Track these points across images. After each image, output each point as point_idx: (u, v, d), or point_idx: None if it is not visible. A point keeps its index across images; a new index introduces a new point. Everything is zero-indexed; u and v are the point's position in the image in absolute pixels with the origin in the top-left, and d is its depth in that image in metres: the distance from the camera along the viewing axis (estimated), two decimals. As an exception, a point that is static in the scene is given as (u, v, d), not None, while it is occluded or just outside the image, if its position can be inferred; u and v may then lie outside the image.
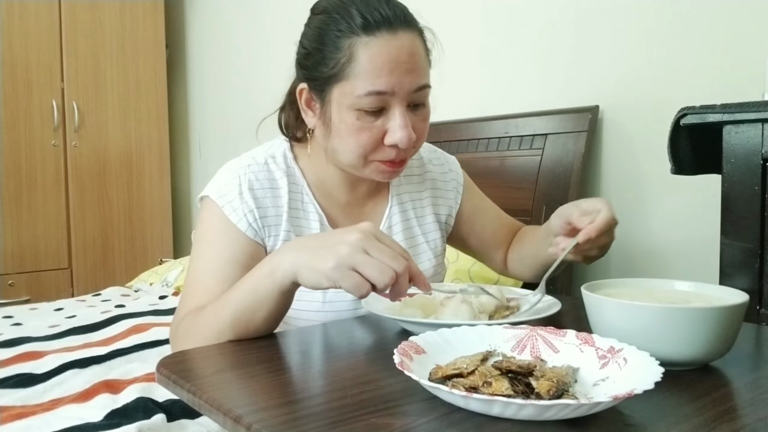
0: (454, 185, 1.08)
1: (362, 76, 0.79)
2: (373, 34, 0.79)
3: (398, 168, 0.87)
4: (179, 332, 0.80)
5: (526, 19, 1.65)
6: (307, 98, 0.88)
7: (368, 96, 0.79)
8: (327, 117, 0.84)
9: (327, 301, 0.89)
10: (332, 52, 0.81)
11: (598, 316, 0.62)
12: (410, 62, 0.80)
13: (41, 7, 2.77)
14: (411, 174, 1.04)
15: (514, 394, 0.48)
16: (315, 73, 0.84)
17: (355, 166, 0.87)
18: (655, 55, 1.39)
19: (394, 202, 1.00)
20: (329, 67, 0.81)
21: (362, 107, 0.80)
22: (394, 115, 0.81)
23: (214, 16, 3.04)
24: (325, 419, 0.47)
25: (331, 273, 0.63)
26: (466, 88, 1.78)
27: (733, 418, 0.48)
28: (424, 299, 0.79)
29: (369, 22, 0.79)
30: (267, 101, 1.03)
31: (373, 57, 0.79)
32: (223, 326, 0.73)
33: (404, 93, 0.81)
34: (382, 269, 0.62)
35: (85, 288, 2.82)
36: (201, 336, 0.75)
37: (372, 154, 0.84)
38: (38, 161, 2.78)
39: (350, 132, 0.82)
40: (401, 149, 0.83)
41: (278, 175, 0.91)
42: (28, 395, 1.07)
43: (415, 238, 1.01)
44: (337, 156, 0.87)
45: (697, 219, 1.33)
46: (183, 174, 3.37)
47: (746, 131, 0.87)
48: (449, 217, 1.07)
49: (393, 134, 0.82)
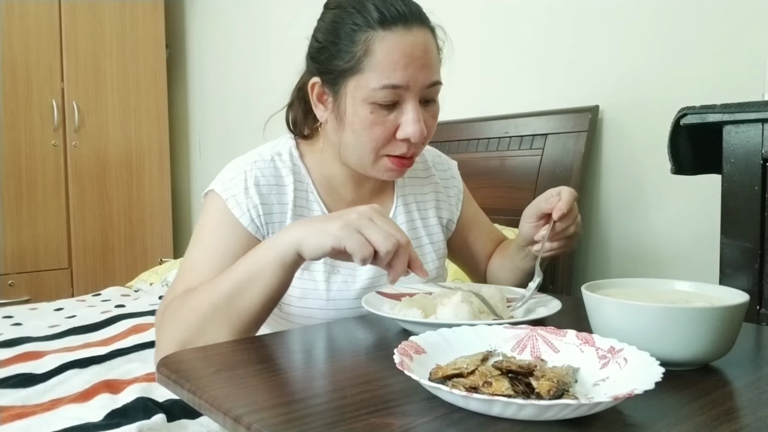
0: (455, 192, 1.09)
1: (378, 69, 0.80)
2: (390, 29, 0.80)
3: (405, 166, 0.88)
4: (167, 314, 0.79)
5: (526, 19, 1.65)
6: (319, 92, 0.88)
7: (383, 89, 0.81)
8: (341, 111, 0.85)
9: (330, 299, 0.89)
10: (348, 45, 0.82)
11: (598, 316, 0.62)
12: (424, 58, 0.82)
13: (41, 7, 2.77)
14: (415, 176, 1.05)
15: (514, 394, 0.48)
16: (329, 67, 0.84)
17: (364, 162, 0.88)
18: (655, 55, 1.39)
19: (399, 202, 1.01)
20: (345, 61, 0.82)
21: (377, 100, 0.81)
22: (407, 110, 0.83)
23: (214, 16, 3.04)
24: (325, 419, 0.47)
25: (337, 232, 0.65)
26: (466, 88, 1.78)
27: (733, 418, 0.48)
28: (424, 299, 0.79)
29: (386, 16, 0.80)
30: (267, 101, 1.03)
31: (389, 51, 0.80)
32: (218, 300, 0.72)
33: (418, 88, 0.82)
34: (386, 235, 0.65)
35: (85, 288, 2.83)
36: (193, 313, 0.74)
37: (384, 149, 0.85)
38: (38, 161, 2.78)
39: (364, 126, 0.83)
40: (412, 144, 0.85)
41: (284, 172, 0.92)
42: (28, 395, 1.07)
43: (420, 239, 1.01)
44: (348, 151, 0.88)
45: (697, 219, 1.33)
46: (183, 174, 3.37)
47: (746, 131, 0.87)
48: (450, 221, 1.08)
49: (406, 128, 0.83)
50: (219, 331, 0.73)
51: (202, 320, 0.73)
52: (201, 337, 0.73)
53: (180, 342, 0.74)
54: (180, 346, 0.74)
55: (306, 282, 0.88)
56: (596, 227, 1.52)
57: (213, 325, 0.73)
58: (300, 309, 0.88)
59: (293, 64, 0.99)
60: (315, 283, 0.89)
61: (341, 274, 0.91)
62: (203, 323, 0.73)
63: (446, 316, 0.74)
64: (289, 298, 0.88)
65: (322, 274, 0.89)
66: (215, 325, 0.73)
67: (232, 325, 0.73)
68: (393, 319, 0.73)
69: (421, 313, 0.74)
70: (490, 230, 1.14)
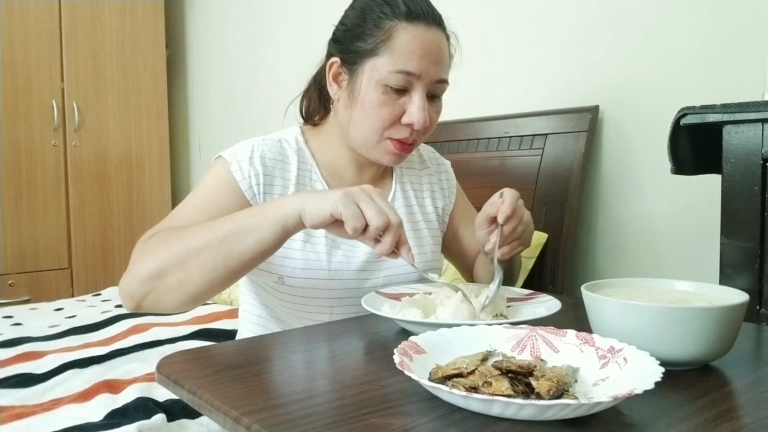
0: (448, 185, 1.13)
1: (396, 54, 0.87)
2: (413, 23, 0.88)
3: (405, 152, 0.94)
4: (152, 241, 0.79)
5: (526, 19, 1.65)
6: (336, 72, 0.94)
7: (398, 74, 0.87)
8: (355, 89, 0.91)
9: (332, 270, 0.92)
10: (372, 30, 0.89)
11: (598, 316, 0.62)
12: (438, 55, 0.90)
13: (41, 7, 2.77)
14: (411, 167, 1.10)
15: (514, 394, 0.48)
16: (351, 47, 0.91)
17: (368, 141, 0.93)
18: (655, 55, 1.39)
19: (397, 188, 1.06)
20: (367, 43, 0.89)
21: (389, 83, 0.88)
22: (415, 98, 0.89)
23: (214, 16, 3.04)
24: (325, 419, 0.47)
25: (336, 200, 0.69)
26: (466, 88, 1.77)
27: (733, 418, 0.48)
28: (424, 299, 0.79)
29: (411, 11, 0.88)
30: (267, 101, 1.05)
31: (409, 41, 0.87)
32: (212, 238, 0.74)
33: (428, 80, 0.89)
34: (378, 212, 0.70)
35: (85, 288, 2.83)
36: (182, 244, 0.75)
37: (388, 131, 0.91)
38: (38, 161, 2.78)
39: (373, 105, 0.89)
40: (415, 130, 0.91)
41: (289, 152, 0.97)
42: (28, 395, 1.07)
43: (417, 223, 1.05)
44: (355, 128, 0.93)
45: (697, 219, 1.33)
46: (183, 174, 3.37)
47: (746, 131, 0.87)
48: (445, 212, 1.11)
49: (411, 114, 0.89)
50: (199, 269, 0.74)
51: (189, 252, 0.74)
52: (180, 269, 0.74)
53: (158, 267, 0.75)
54: (156, 272, 0.75)
55: (309, 254, 0.91)
56: (596, 227, 1.52)
57: (197, 261, 0.74)
58: (303, 281, 0.91)
59: (293, 63, 0.99)
60: (317, 255, 0.92)
61: (342, 249, 0.94)
62: (188, 256, 0.74)
63: (446, 316, 0.74)
64: (292, 271, 0.91)
65: (323, 246, 0.93)
66: (199, 261, 0.74)
67: (215, 268, 0.74)
68: (393, 319, 0.73)
69: (421, 313, 0.75)
70: None
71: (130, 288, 0.76)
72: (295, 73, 1.05)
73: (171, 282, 0.74)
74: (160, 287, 0.75)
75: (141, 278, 0.75)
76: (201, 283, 0.74)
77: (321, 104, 1.02)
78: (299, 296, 0.92)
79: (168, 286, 0.75)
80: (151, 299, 0.76)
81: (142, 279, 0.75)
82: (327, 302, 0.93)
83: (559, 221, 1.46)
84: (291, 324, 0.94)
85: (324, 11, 0.97)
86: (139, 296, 0.76)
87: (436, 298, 0.79)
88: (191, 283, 0.74)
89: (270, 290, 0.95)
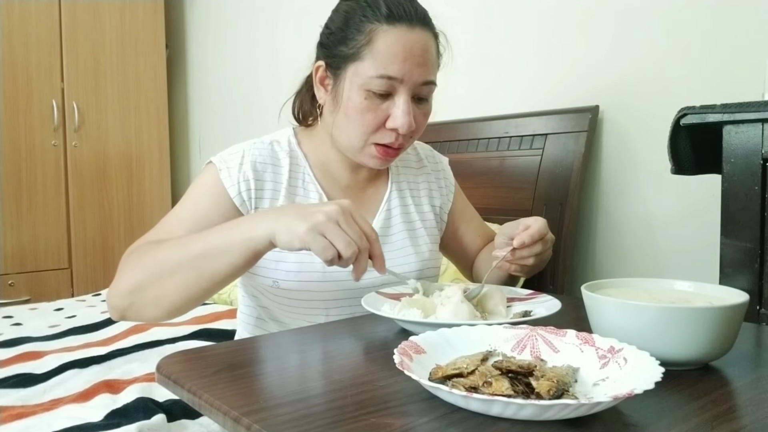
0: (446, 183, 1.13)
1: (377, 59, 0.86)
2: (394, 25, 0.86)
3: (390, 156, 0.92)
4: (132, 256, 0.81)
5: (526, 19, 1.65)
6: (321, 75, 0.94)
7: (379, 78, 0.86)
8: (338, 94, 0.90)
9: (326, 271, 0.91)
10: (354, 33, 0.88)
11: (598, 316, 0.62)
12: (422, 57, 0.87)
13: (41, 7, 2.77)
14: (408, 166, 1.10)
15: (514, 394, 0.48)
16: (334, 51, 0.90)
17: (353, 146, 0.92)
18: (655, 55, 1.39)
19: (393, 188, 1.05)
20: (348, 47, 0.88)
21: (371, 88, 0.87)
22: (399, 102, 0.88)
23: (214, 16, 3.04)
24: (325, 419, 0.47)
25: (304, 235, 0.68)
26: (466, 88, 1.78)
27: (733, 418, 0.48)
28: (424, 299, 0.79)
29: (392, 13, 0.86)
30: (267, 100, 1.05)
31: (390, 44, 0.86)
32: (185, 259, 0.75)
33: (412, 83, 0.87)
34: (347, 242, 0.68)
35: (85, 288, 2.83)
36: (156, 262, 0.77)
37: (372, 136, 0.90)
38: (38, 161, 2.78)
39: (357, 110, 0.88)
40: (400, 134, 0.89)
41: (281, 155, 0.97)
42: (28, 395, 1.07)
43: (413, 223, 1.04)
44: (339, 133, 0.92)
45: (697, 219, 1.33)
46: (183, 174, 3.37)
47: (746, 131, 0.87)
48: (443, 210, 1.11)
49: (395, 119, 0.88)
50: (173, 287, 0.76)
51: (162, 271, 0.76)
52: (155, 286, 0.76)
53: (135, 283, 0.77)
54: (134, 288, 0.77)
55: (302, 256, 0.90)
56: (596, 227, 1.52)
57: (171, 280, 0.75)
58: (297, 283, 0.91)
59: (293, 63, 1.00)
60: (311, 257, 0.91)
61: None
62: (162, 275, 0.76)
63: (446, 316, 0.74)
64: (286, 274, 0.91)
65: None
66: (173, 280, 0.75)
67: (188, 287, 0.76)
68: (393, 319, 0.73)
69: (421, 313, 0.75)
70: (479, 226, 1.16)
71: (113, 300, 0.80)
72: (295, 74, 1.05)
73: (148, 297, 0.77)
74: (139, 301, 0.77)
75: (122, 292, 0.78)
76: (177, 298, 0.76)
77: (313, 106, 1.01)
78: (294, 299, 0.92)
79: (146, 301, 0.77)
80: (133, 311, 0.79)
81: (123, 293, 0.78)
82: (322, 304, 0.93)
83: (559, 221, 1.46)
84: (288, 325, 0.95)
85: (324, 11, 0.97)
86: (122, 308, 0.79)
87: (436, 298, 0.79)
88: (167, 299, 0.77)
89: (266, 293, 0.95)
